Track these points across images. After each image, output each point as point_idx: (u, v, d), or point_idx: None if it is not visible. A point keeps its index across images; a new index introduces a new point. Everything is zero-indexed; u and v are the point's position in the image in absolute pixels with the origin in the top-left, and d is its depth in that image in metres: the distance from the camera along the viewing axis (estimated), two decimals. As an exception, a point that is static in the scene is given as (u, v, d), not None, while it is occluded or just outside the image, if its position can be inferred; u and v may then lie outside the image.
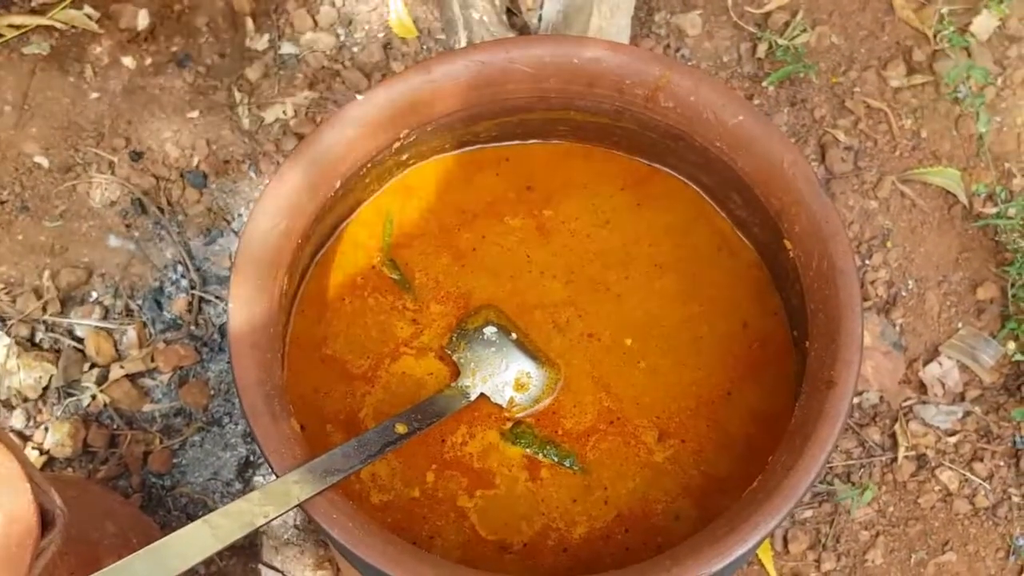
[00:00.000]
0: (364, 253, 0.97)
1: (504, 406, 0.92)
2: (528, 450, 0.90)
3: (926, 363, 1.42)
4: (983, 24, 1.56)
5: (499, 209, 0.99)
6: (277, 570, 1.29)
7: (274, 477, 0.79)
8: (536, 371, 0.92)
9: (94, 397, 1.35)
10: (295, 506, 0.78)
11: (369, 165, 0.93)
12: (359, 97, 0.91)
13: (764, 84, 1.53)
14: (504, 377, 0.92)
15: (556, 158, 1.01)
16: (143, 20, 1.54)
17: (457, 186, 1.00)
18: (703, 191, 0.99)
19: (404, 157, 0.97)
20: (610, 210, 0.99)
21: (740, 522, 0.78)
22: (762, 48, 1.55)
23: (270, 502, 0.78)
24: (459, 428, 0.91)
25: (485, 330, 0.93)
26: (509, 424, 0.91)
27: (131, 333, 1.38)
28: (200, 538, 0.75)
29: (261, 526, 0.77)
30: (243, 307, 0.84)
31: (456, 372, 0.92)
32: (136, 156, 1.48)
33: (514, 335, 0.93)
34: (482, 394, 0.92)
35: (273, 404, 0.82)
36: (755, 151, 0.90)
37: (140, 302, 1.40)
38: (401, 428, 0.87)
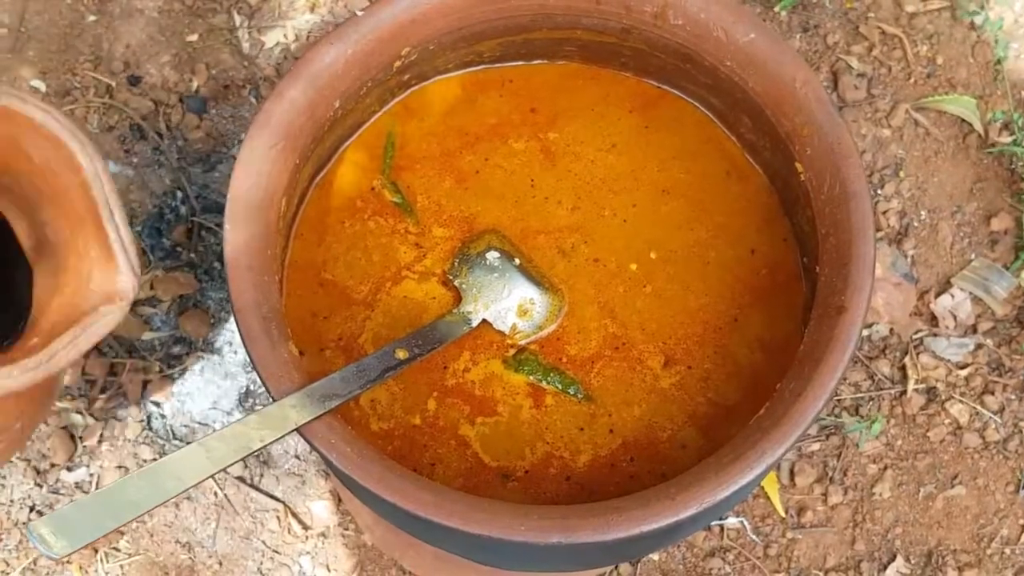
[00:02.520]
0: (364, 175, 0.95)
1: (507, 333, 0.90)
2: (531, 377, 0.89)
3: (938, 295, 1.40)
4: (1003, -53, 1.53)
5: (503, 131, 0.97)
6: (278, 500, 1.28)
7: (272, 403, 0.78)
8: (540, 297, 0.91)
9: (93, 325, 1.34)
10: (292, 431, 0.76)
11: (370, 84, 0.91)
12: (359, 13, 0.89)
13: (776, 9, 1.50)
14: (507, 303, 0.90)
15: (562, 79, 0.99)
16: (141, -59, 1.51)
17: (460, 108, 0.98)
18: (713, 114, 0.96)
19: (406, 77, 0.94)
20: (617, 133, 0.97)
21: (746, 449, 0.76)
22: (775, -28, 1.52)
23: (267, 426, 0.76)
24: (461, 355, 0.90)
25: (488, 255, 0.91)
26: (512, 351, 0.90)
27: (130, 260, 1.36)
28: (195, 460, 0.74)
29: (257, 450, 0.76)
30: (240, 228, 0.82)
31: (458, 298, 0.91)
32: (134, 80, 1.45)
33: (517, 260, 0.91)
34: (484, 320, 0.90)
35: (270, 328, 0.80)
36: (766, 71, 0.88)
37: (139, 229, 1.38)
38: (401, 354, 0.85)
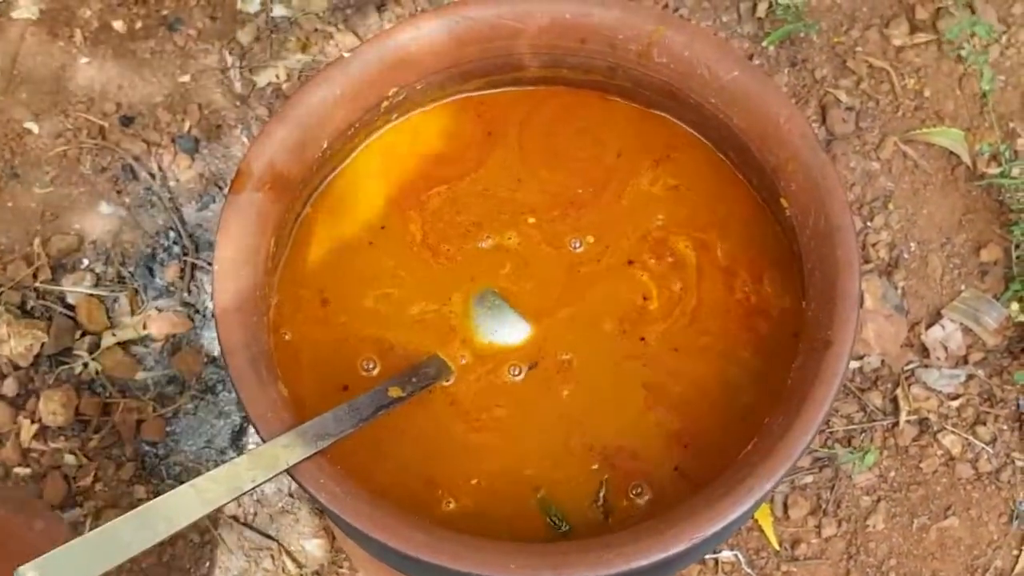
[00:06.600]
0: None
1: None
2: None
3: (928, 326, 1.41)
4: (987, -19, 1.54)
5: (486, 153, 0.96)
6: (272, 538, 1.28)
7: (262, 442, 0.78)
8: (531, 333, 0.90)
9: (86, 365, 1.34)
10: (283, 471, 0.77)
11: (357, 124, 0.91)
12: (346, 55, 0.89)
13: (764, 44, 1.51)
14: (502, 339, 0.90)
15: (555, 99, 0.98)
16: (133, -17, 1.52)
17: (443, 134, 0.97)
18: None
19: (393, 116, 0.95)
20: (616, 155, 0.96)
21: (736, 484, 0.76)
22: (762, 7, 1.53)
23: (258, 466, 0.76)
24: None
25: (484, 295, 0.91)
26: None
27: (123, 300, 1.37)
28: (187, 501, 0.73)
29: (248, 491, 0.76)
30: (228, 269, 0.83)
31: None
32: (127, 121, 1.46)
33: (508, 299, 0.91)
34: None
35: (259, 368, 0.80)
36: (750, 107, 0.88)
37: (132, 269, 1.39)
38: (395, 392, 0.85)
